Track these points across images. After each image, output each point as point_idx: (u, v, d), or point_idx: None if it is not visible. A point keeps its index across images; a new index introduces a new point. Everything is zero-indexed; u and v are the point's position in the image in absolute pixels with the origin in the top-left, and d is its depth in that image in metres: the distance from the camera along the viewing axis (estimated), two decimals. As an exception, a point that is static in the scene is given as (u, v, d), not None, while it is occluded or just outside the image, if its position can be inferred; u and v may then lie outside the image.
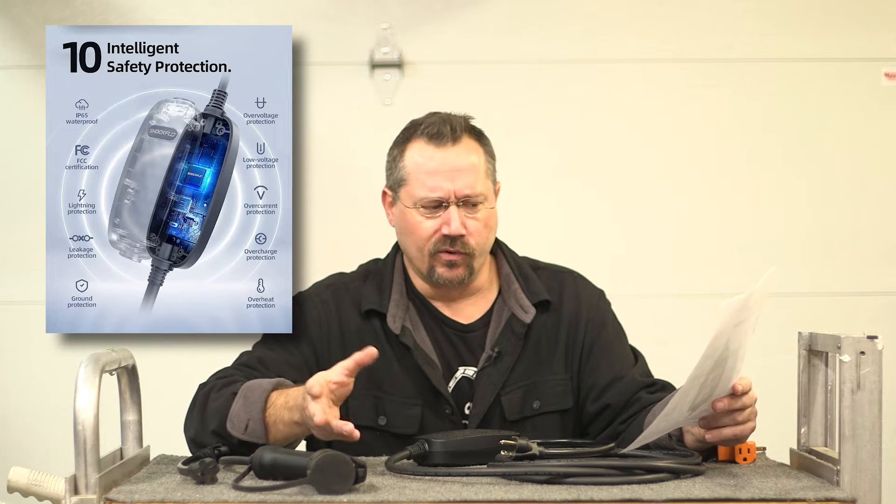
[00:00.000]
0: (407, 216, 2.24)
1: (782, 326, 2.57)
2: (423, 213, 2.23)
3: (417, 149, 2.25)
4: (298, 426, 1.99)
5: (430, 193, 2.22)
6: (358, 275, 2.35)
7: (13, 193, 3.68)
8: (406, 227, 2.25)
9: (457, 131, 2.24)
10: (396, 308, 2.26)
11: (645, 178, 3.75)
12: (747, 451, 2.01)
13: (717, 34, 3.76)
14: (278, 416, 2.00)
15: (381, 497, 1.72)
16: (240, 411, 2.01)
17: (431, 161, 2.23)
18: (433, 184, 2.22)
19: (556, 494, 1.72)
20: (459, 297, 2.31)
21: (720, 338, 1.82)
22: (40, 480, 1.74)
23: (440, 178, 2.22)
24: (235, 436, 2.01)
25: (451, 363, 2.26)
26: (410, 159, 2.25)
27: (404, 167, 2.25)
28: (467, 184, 2.22)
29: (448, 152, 2.23)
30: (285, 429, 2.00)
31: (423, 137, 2.25)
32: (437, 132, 2.24)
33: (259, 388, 2.03)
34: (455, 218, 2.21)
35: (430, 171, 2.22)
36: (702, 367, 1.84)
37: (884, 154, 3.77)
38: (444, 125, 2.24)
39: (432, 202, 2.22)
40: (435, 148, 2.24)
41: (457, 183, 2.22)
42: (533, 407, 2.27)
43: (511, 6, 3.74)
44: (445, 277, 2.24)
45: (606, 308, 2.38)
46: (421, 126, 2.26)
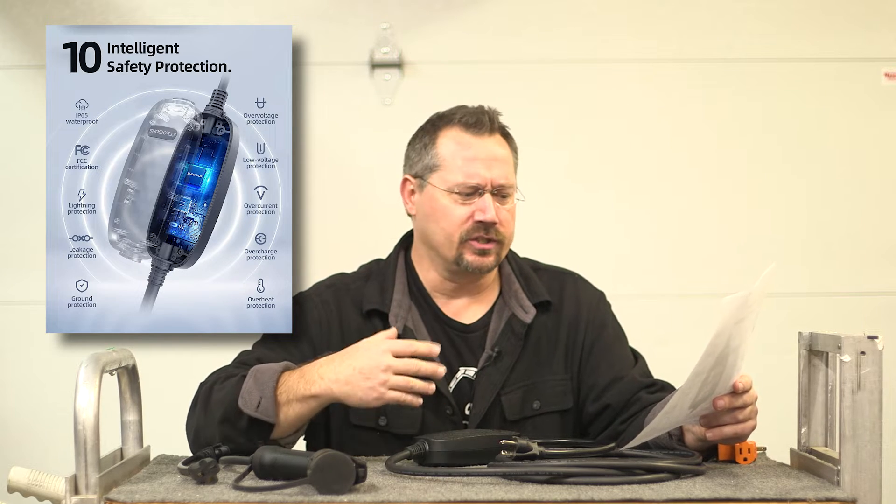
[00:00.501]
0: (439, 201, 2.24)
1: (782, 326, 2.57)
2: (456, 199, 2.23)
3: (453, 136, 2.26)
4: (314, 399, 2.01)
5: (469, 180, 2.23)
6: (359, 275, 2.35)
7: (13, 193, 3.68)
8: (436, 212, 2.25)
9: (494, 122, 2.27)
10: (398, 308, 2.26)
11: (645, 178, 3.76)
12: (748, 451, 2.01)
13: (717, 34, 3.76)
14: (291, 394, 2.01)
15: (381, 497, 1.72)
16: (252, 388, 2.02)
17: (469, 148, 2.24)
18: (471, 170, 2.23)
19: (557, 494, 1.72)
20: (463, 295, 2.30)
21: (721, 335, 1.82)
22: (40, 480, 1.74)
23: (478, 166, 2.23)
24: (247, 412, 2.01)
25: (452, 363, 2.26)
26: (445, 146, 2.26)
27: (437, 154, 2.26)
28: (503, 174, 2.24)
29: (486, 141, 2.25)
30: (298, 405, 2.01)
31: (460, 126, 2.26)
32: (476, 121, 2.25)
33: (270, 369, 2.05)
34: (490, 206, 2.22)
35: (469, 158, 2.24)
36: (703, 365, 1.84)
37: (884, 154, 3.77)
38: (482, 115, 2.27)
39: (468, 188, 2.23)
40: (472, 136, 2.25)
41: (493, 172, 2.23)
42: (533, 407, 2.27)
43: (511, 6, 3.74)
44: (475, 265, 2.24)
45: (606, 309, 2.38)
46: (456, 115, 2.28)
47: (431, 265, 2.30)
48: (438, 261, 2.28)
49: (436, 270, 2.29)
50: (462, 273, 2.26)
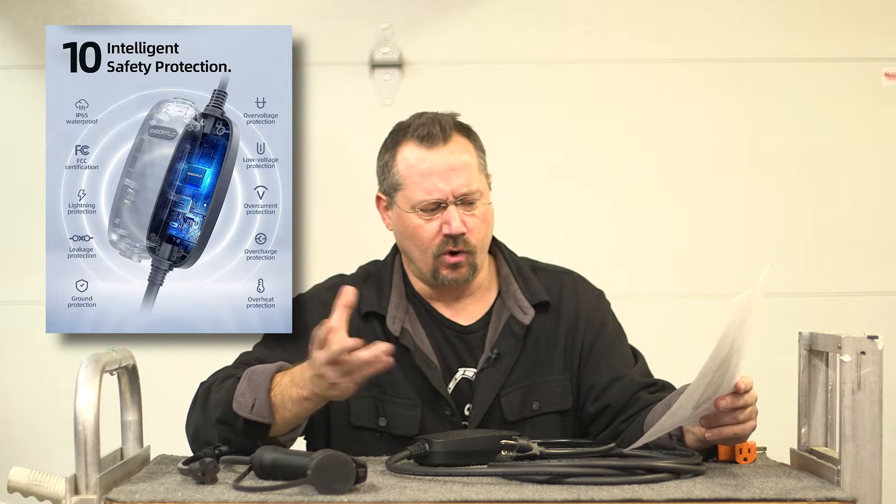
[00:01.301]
0: (406, 220, 2.24)
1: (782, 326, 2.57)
2: (422, 216, 2.22)
3: (409, 151, 2.24)
4: (307, 400, 1.99)
5: (428, 196, 2.21)
6: (358, 277, 2.34)
7: (13, 193, 3.68)
8: (406, 231, 2.25)
9: (446, 130, 2.24)
10: (396, 310, 2.26)
11: (645, 178, 3.75)
12: (748, 451, 2.01)
13: (717, 34, 3.75)
14: (286, 395, 2.01)
15: (381, 497, 1.72)
16: (245, 391, 2.02)
17: (424, 163, 2.22)
18: (430, 186, 2.21)
19: (557, 494, 1.72)
20: (459, 298, 2.31)
21: (727, 336, 1.82)
22: (41, 480, 1.74)
23: (436, 180, 2.21)
24: (241, 415, 2.00)
25: (451, 364, 2.26)
26: (403, 163, 2.24)
27: (398, 171, 2.24)
28: (463, 182, 2.22)
29: (440, 152, 2.23)
30: (293, 406, 2.00)
31: (414, 140, 2.24)
32: (427, 133, 2.23)
33: (263, 371, 2.04)
34: (455, 217, 2.21)
35: (425, 174, 2.22)
36: (710, 366, 1.84)
37: (884, 154, 3.77)
38: (433, 126, 2.23)
39: (430, 204, 2.22)
40: (426, 150, 2.23)
41: (453, 182, 2.21)
42: (532, 408, 2.27)
43: (511, 6, 3.74)
44: (450, 279, 2.24)
45: (606, 308, 2.38)
46: (409, 128, 2.25)
47: (418, 276, 2.30)
48: (420, 274, 2.29)
49: (422, 280, 2.30)
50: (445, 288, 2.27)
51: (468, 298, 2.31)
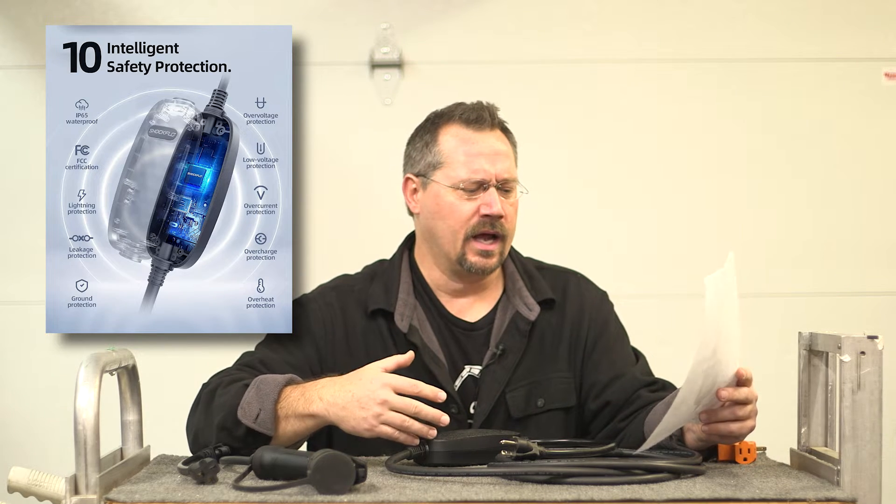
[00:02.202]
0: (444, 198, 2.25)
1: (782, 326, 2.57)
2: (461, 195, 2.24)
3: (455, 132, 2.26)
4: (311, 418, 2.00)
5: (473, 175, 2.23)
6: (363, 276, 2.34)
7: (13, 193, 3.68)
8: (441, 209, 2.25)
9: (494, 117, 2.28)
10: (404, 307, 2.26)
11: (645, 178, 3.75)
12: (747, 451, 2.01)
13: (717, 34, 3.75)
14: (291, 410, 2.01)
15: (381, 497, 1.72)
16: (252, 400, 2.02)
17: (472, 144, 2.25)
18: (476, 165, 2.24)
19: (557, 494, 1.72)
20: (467, 294, 2.31)
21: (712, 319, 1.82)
22: (41, 480, 1.74)
23: (482, 161, 2.24)
24: (245, 423, 2.00)
25: (457, 362, 2.27)
26: (447, 143, 2.26)
27: (440, 150, 2.26)
28: (506, 168, 2.25)
29: (488, 136, 2.26)
30: (296, 422, 2.01)
31: (460, 122, 2.27)
32: (476, 117, 2.26)
33: (273, 381, 2.04)
34: (496, 199, 2.23)
35: (472, 154, 2.24)
36: (702, 353, 1.84)
37: (884, 154, 3.77)
38: (482, 111, 2.27)
39: (473, 183, 2.23)
40: (474, 132, 2.26)
41: (497, 166, 2.24)
42: (537, 405, 2.27)
43: (511, 6, 3.74)
44: (478, 266, 2.25)
45: (609, 309, 2.38)
46: (455, 112, 2.28)
47: (435, 264, 2.30)
48: (442, 259, 2.28)
49: (439, 269, 2.30)
50: (464, 273, 2.27)
51: (475, 295, 2.32)
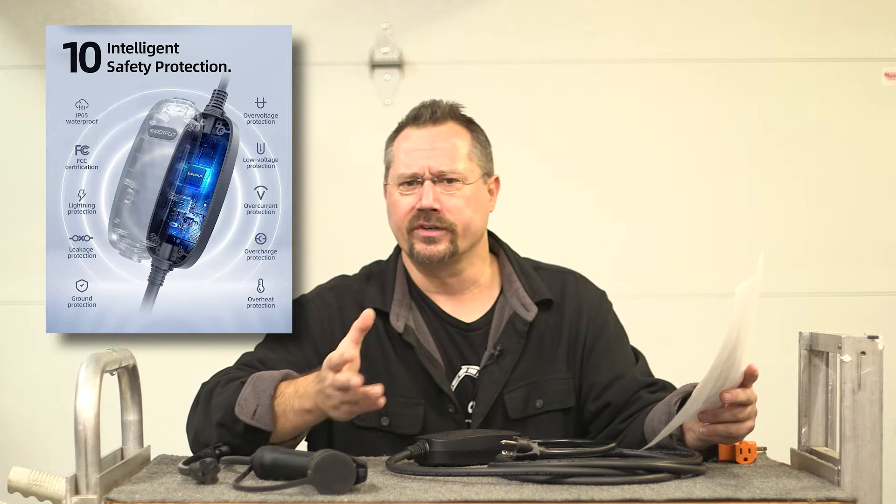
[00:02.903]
0: (391, 197, 2.29)
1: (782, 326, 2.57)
2: (401, 191, 2.26)
3: (404, 134, 2.31)
4: (309, 413, 1.99)
5: (406, 169, 2.26)
6: (360, 276, 2.35)
7: (13, 193, 3.68)
8: (389, 208, 2.30)
9: (437, 113, 2.30)
10: (399, 307, 2.26)
11: (645, 178, 3.75)
12: (748, 451, 2.01)
13: (717, 34, 3.75)
14: (288, 405, 2.00)
15: (381, 497, 1.72)
16: (249, 397, 2.02)
17: (410, 139, 2.28)
18: (409, 160, 2.26)
19: (557, 494, 1.71)
20: (461, 293, 2.30)
21: (735, 326, 1.82)
22: (41, 480, 1.74)
23: (416, 155, 2.26)
24: (243, 420, 2.00)
25: (454, 362, 2.27)
26: (396, 143, 2.31)
27: (391, 151, 2.31)
28: (443, 160, 2.26)
29: (426, 131, 2.28)
30: (295, 418, 2.00)
31: (408, 122, 2.31)
32: (417, 114, 2.30)
33: (269, 378, 2.04)
34: (428, 192, 2.23)
35: (408, 150, 2.27)
36: (720, 359, 1.84)
37: (884, 154, 3.77)
38: (424, 108, 2.30)
39: (407, 177, 2.25)
40: (414, 128, 2.30)
41: (432, 159, 2.25)
42: (536, 405, 2.27)
43: (511, 6, 3.74)
44: (424, 254, 2.25)
45: (608, 308, 2.38)
46: (409, 114, 2.33)
47: (413, 266, 2.31)
48: (407, 255, 2.30)
49: (417, 269, 2.31)
50: (426, 266, 2.27)
51: (471, 295, 2.32)
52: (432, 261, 2.26)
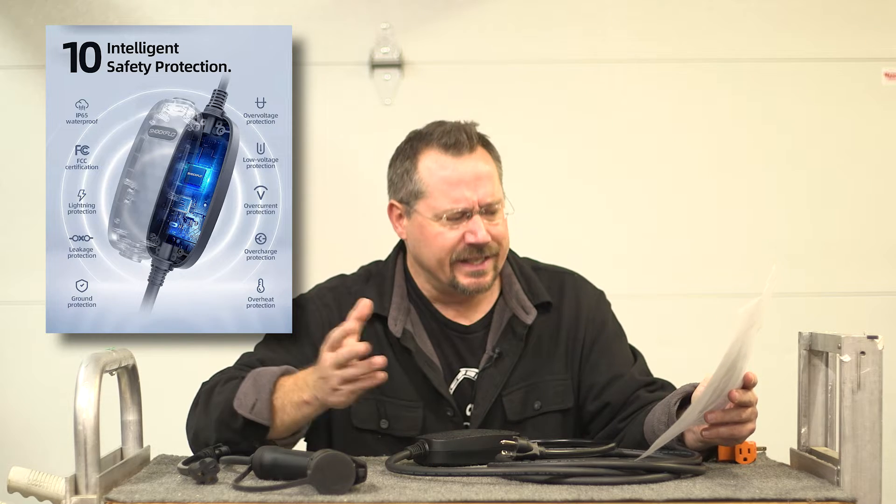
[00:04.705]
0: (427, 228, 2.22)
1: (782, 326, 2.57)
2: (445, 225, 2.21)
3: (433, 159, 2.22)
4: (307, 405, 2.00)
5: (455, 205, 2.20)
6: (359, 277, 2.34)
7: (13, 193, 3.68)
8: (426, 238, 2.23)
9: (472, 139, 2.23)
10: (397, 311, 2.26)
11: (645, 178, 3.75)
12: (747, 451, 2.01)
13: (717, 34, 3.76)
14: (286, 399, 2.01)
15: (381, 497, 1.72)
16: (248, 391, 2.02)
17: (453, 172, 2.21)
18: (457, 195, 2.19)
19: (557, 494, 1.72)
20: (462, 299, 2.30)
21: (736, 345, 1.82)
22: (40, 480, 1.74)
23: (463, 189, 2.20)
24: (241, 413, 2.01)
25: (453, 365, 2.26)
26: (427, 170, 2.22)
27: (420, 179, 2.22)
28: (489, 191, 2.21)
29: (467, 162, 2.21)
30: (293, 411, 2.01)
31: (438, 148, 2.22)
32: (454, 142, 2.21)
33: (268, 373, 2.05)
34: (481, 227, 2.19)
35: (453, 183, 2.20)
36: (717, 376, 1.84)
37: (884, 154, 3.77)
38: (459, 134, 2.22)
39: (456, 213, 2.20)
40: (453, 158, 2.21)
41: (479, 192, 2.20)
42: (534, 407, 2.26)
43: (511, 6, 3.74)
44: (472, 287, 2.23)
45: (606, 308, 2.38)
46: (432, 136, 2.23)
47: (427, 281, 2.29)
48: (434, 281, 2.28)
49: (431, 285, 2.29)
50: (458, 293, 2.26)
51: (471, 299, 2.31)
52: (480, 291, 2.24)
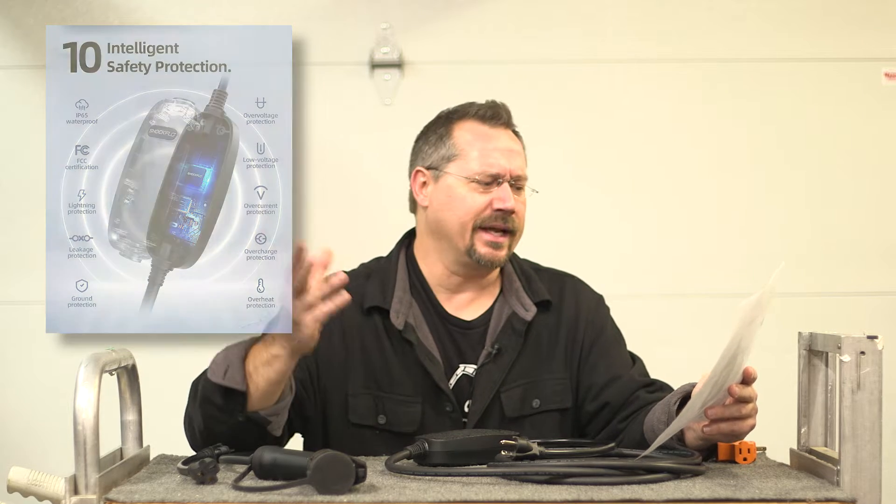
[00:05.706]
0: (456, 189, 2.26)
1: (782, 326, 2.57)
2: (475, 188, 2.26)
3: (470, 127, 2.29)
4: (277, 359, 1.98)
5: (489, 168, 2.26)
6: (360, 273, 2.35)
7: (13, 193, 3.68)
8: (453, 200, 2.27)
9: (510, 117, 2.32)
10: (400, 304, 2.27)
11: (645, 178, 3.76)
12: (747, 451, 2.01)
13: (717, 34, 3.76)
14: (258, 360, 2.00)
15: (381, 497, 1.72)
16: (220, 360, 2.03)
17: (489, 139, 2.28)
18: (491, 160, 2.26)
19: (557, 494, 1.72)
20: (466, 291, 2.31)
21: (736, 338, 1.82)
22: (40, 480, 1.74)
23: (498, 155, 2.27)
24: (215, 381, 2.00)
25: (453, 360, 2.27)
26: (462, 136, 2.28)
27: (454, 144, 2.28)
28: (519, 165, 2.30)
29: (502, 134, 2.30)
30: (265, 370, 1.99)
31: (476, 118, 2.29)
32: (493, 114, 2.29)
33: (240, 342, 2.05)
34: (510, 194, 2.26)
35: (489, 148, 2.27)
36: (717, 369, 1.84)
37: (884, 154, 3.77)
38: (498, 108, 2.30)
39: (489, 177, 2.26)
40: (490, 127, 2.29)
41: (512, 163, 2.28)
42: (532, 405, 2.27)
43: (511, 6, 3.74)
44: (488, 258, 2.26)
45: (605, 312, 2.38)
46: (471, 109, 2.30)
47: (438, 258, 2.30)
48: (448, 253, 2.28)
49: (442, 263, 2.30)
50: (471, 265, 2.27)
51: (472, 293, 2.32)
52: (495, 265, 2.27)
